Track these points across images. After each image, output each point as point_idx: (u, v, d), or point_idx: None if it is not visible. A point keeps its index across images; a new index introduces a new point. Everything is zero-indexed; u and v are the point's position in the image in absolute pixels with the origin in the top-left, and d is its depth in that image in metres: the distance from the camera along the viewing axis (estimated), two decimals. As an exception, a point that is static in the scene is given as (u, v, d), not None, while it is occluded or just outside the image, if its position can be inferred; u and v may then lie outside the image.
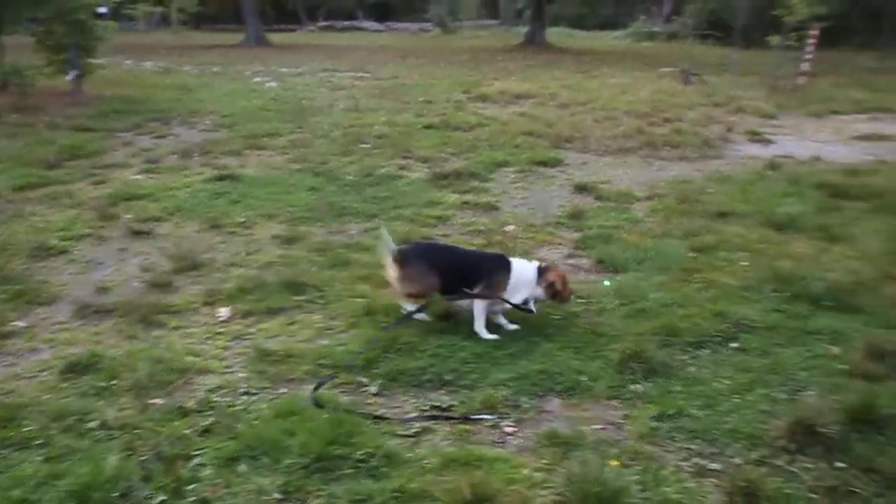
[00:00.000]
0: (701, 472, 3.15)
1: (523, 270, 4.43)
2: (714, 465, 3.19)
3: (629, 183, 8.00)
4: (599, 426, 3.49)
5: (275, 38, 34.73)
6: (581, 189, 7.68)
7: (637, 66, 21.59)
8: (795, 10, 16.48)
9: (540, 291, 4.42)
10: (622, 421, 3.54)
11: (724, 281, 5.16)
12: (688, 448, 3.31)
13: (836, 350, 4.19)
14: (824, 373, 3.96)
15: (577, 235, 6.21)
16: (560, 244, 6.05)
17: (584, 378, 3.89)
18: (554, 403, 3.69)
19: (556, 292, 4.42)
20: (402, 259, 4.47)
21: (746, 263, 5.47)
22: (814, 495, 2.99)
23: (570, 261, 5.67)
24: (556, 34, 36.25)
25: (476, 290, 4.36)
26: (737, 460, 3.21)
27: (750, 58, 20.72)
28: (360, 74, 18.93)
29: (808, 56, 16.65)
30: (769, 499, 2.95)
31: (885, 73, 19.73)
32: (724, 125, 11.49)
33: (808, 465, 3.16)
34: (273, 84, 16.87)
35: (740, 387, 3.81)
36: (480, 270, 4.42)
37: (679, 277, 5.22)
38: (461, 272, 4.42)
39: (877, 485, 3.04)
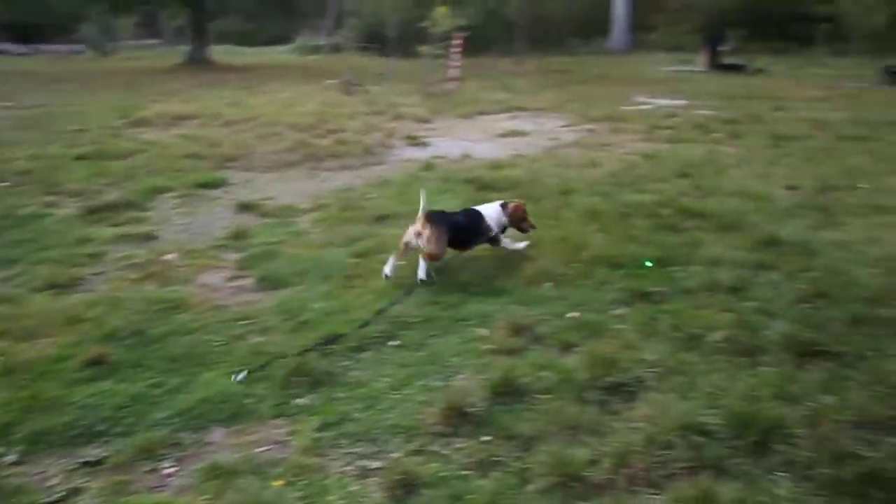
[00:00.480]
0: (364, 474, 3.24)
1: (491, 210, 5.70)
2: (376, 464, 3.30)
3: (294, 197, 8.03)
4: (264, 448, 3.45)
5: None
6: (244, 208, 7.56)
7: (302, 79, 21.80)
8: (439, 22, 17.78)
9: (506, 220, 5.74)
10: (287, 438, 3.53)
11: (383, 283, 5.37)
12: (351, 452, 3.40)
13: (483, 332, 4.56)
14: (474, 355, 4.28)
15: (239, 256, 6.10)
16: (222, 266, 5.89)
17: (248, 401, 3.83)
18: (217, 433, 3.59)
19: (518, 219, 5.81)
20: (431, 221, 5.25)
21: (403, 262, 5.75)
22: (466, 472, 3.22)
23: (233, 283, 5.55)
24: (221, 51, 35.43)
25: (493, 237, 5.72)
26: (396, 454, 3.35)
27: (406, 67, 21.92)
28: (0, 103, 16.98)
29: (455, 63, 18.03)
30: (426, 485, 3.12)
31: (520, 75, 21.99)
32: (385, 132, 12.01)
33: (461, 445, 3.40)
34: None
35: (399, 382, 3.99)
36: (472, 225, 5.59)
37: (342, 284, 5.35)
38: (460, 231, 5.48)
39: (517, 449, 3.35)
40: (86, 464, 3.35)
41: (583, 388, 3.81)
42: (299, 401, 3.82)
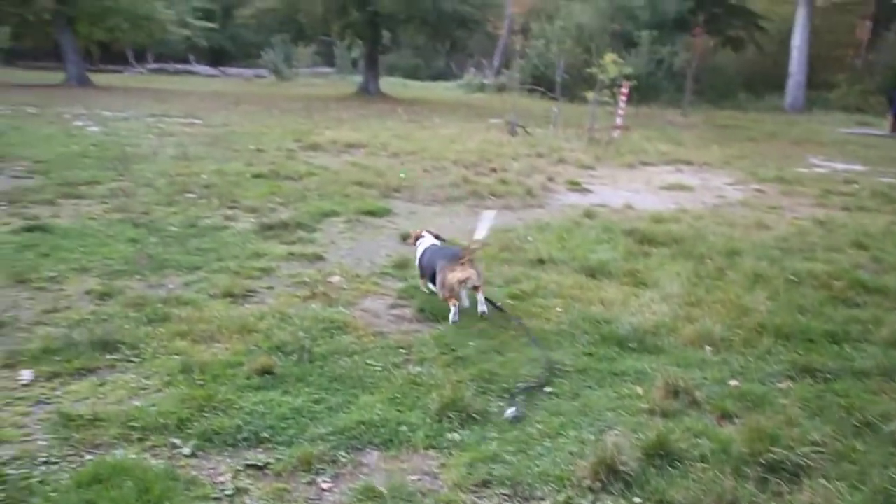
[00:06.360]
0: (512, 517, 3.26)
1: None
2: (524, 509, 3.31)
3: (455, 232, 8.20)
4: (416, 477, 3.54)
5: (100, 78, 33.26)
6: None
7: (467, 116, 22.36)
8: (607, 68, 17.76)
9: None
10: (438, 470, 3.60)
11: (539, 327, 5.40)
12: (501, 493, 3.42)
13: (639, 390, 4.48)
14: (629, 412, 4.21)
15: (401, 285, 6.30)
16: (384, 294, 6.10)
17: (402, 429, 3.93)
18: (372, 456, 3.71)
19: None
20: (472, 260, 5.48)
21: (560, 309, 5.75)
22: (614, 531, 3.17)
23: (394, 311, 5.74)
24: (390, 84, 36.96)
25: None
26: (545, 503, 3.35)
27: (571, 111, 21.98)
28: (190, 121, 18.44)
29: (621, 111, 17.92)
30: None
31: (687, 127, 21.55)
32: (547, 175, 12.09)
33: (610, 503, 3.35)
34: (95, 128, 16.09)
35: (552, 430, 3.98)
36: None
37: (498, 324, 5.41)
38: None
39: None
40: (251, 466, 3.56)
41: (741, 461, 3.66)
42: (452, 435, 3.88)
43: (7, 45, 37.89)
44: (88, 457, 3.61)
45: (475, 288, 5.47)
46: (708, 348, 5.12)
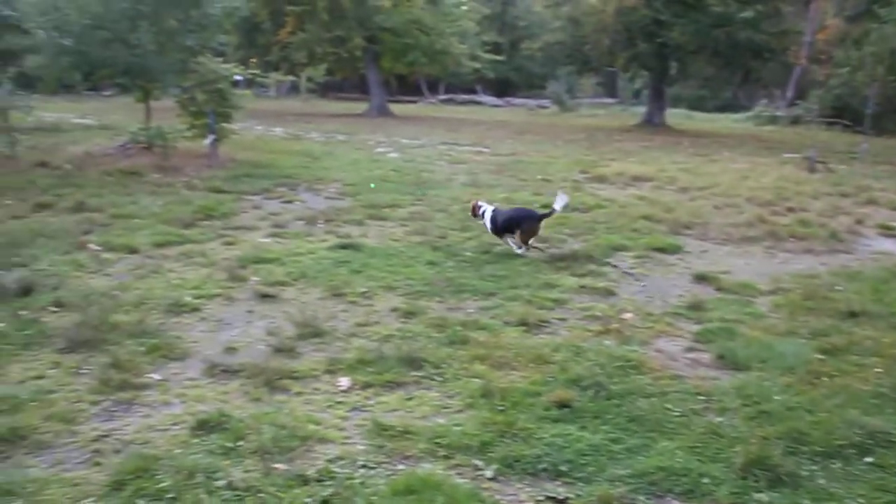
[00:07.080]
0: None
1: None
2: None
3: (751, 274, 7.78)
4: (721, 535, 3.39)
5: (397, 108, 36.08)
6: (701, 279, 7.51)
7: (758, 150, 21.16)
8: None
9: None
10: (746, 532, 3.42)
11: (855, 387, 4.93)
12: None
13: None
14: (975, 503, 3.71)
15: (696, 328, 6.08)
16: (679, 336, 5.93)
17: (705, 481, 3.78)
18: (673, 505, 3.61)
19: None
20: None
21: (880, 370, 5.21)
22: None
23: (690, 354, 5.55)
24: (674, 115, 36.06)
25: None
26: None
27: (881, 146, 19.98)
28: (478, 149, 19.33)
29: (947, 148, 15.96)
30: None
31: None
32: (854, 217, 11.06)
33: None
34: (394, 155, 17.44)
35: (876, 507, 3.62)
36: None
37: (805, 380, 5.01)
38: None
39: None
40: (551, 499, 3.61)
41: None
42: (759, 496, 3.67)
43: (322, 79, 42.49)
44: (401, 466, 3.89)
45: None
46: None
